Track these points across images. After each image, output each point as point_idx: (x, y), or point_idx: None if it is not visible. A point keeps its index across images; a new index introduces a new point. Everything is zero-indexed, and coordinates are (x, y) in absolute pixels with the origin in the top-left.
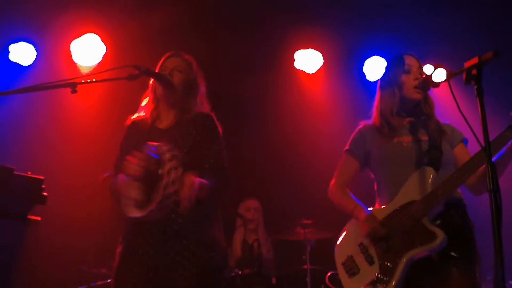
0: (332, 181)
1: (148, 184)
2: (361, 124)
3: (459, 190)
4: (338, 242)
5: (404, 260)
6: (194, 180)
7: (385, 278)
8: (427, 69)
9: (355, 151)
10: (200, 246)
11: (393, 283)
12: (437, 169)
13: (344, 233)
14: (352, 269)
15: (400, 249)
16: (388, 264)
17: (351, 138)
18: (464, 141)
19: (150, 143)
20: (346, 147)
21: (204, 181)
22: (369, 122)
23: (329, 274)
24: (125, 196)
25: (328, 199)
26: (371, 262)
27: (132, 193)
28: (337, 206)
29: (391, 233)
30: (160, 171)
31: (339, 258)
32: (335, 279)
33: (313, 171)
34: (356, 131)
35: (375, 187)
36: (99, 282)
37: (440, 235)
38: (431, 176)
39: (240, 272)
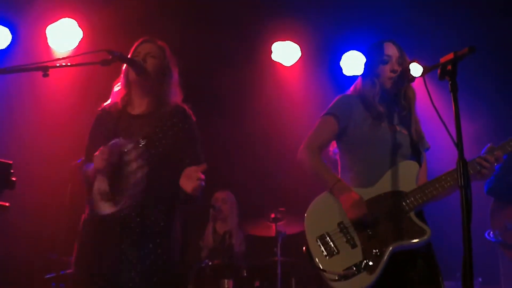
0: (304, 143)
1: (113, 179)
2: (347, 93)
3: None
4: (310, 213)
5: (391, 249)
6: (198, 171)
7: (370, 264)
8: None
9: (339, 116)
10: (161, 245)
11: (378, 270)
12: (419, 165)
13: (318, 205)
14: (329, 248)
15: (386, 237)
16: (375, 250)
17: (334, 103)
18: (426, 150)
19: (116, 139)
20: (328, 111)
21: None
22: (355, 94)
23: (304, 248)
24: (94, 188)
25: (302, 191)
26: (353, 245)
27: (100, 186)
28: (308, 172)
29: (375, 219)
30: (127, 170)
31: (313, 232)
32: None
33: (286, 164)
34: (343, 98)
35: (345, 161)
36: (69, 271)
37: (428, 232)
38: (417, 171)
39: (210, 263)
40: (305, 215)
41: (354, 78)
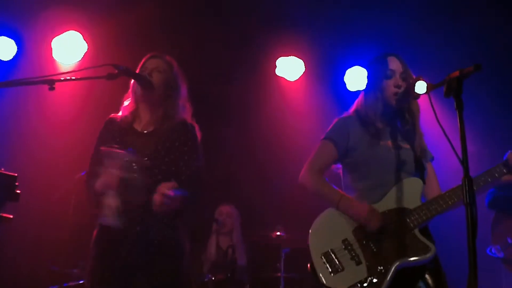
0: (305, 167)
1: (121, 192)
2: (344, 115)
3: None
4: (314, 230)
5: (396, 266)
6: (168, 189)
7: (375, 281)
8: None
9: (337, 140)
10: (165, 251)
11: (383, 287)
12: (423, 182)
13: (322, 222)
14: (334, 265)
15: (391, 254)
16: (380, 268)
17: (331, 127)
18: (431, 160)
19: (117, 150)
20: (326, 135)
21: (178, 192)
22: (352, 115)
23: (309, 265)
24: (105, 204)
25: (306, 206)
26: (358, 262)
27: (111, 201)
28: (312, 194)
29: (380, 236)
30: (132, 185)
31: (317, 249)
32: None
33: (291, 178)
34: (339, 122)
35: (348, 181)
36: (71, 283)
37: (433, 249)
38: (421, 188)
39: (213, 278)
40: (310, 232)
41: (357, 93)
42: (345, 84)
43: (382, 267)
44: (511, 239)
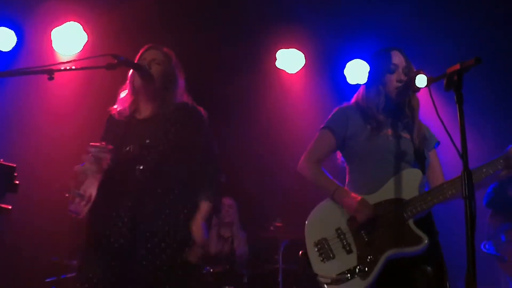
0: (304, 156)
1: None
2: (344, 105)
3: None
4: (310, 220)
5: (386, 255)
6: (200, 225)
7: (365, 270)
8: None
9: (336, 130)
10: (174, 242)
11: (372, 276)
12: (423, 172)
13: (318, 211)
14: (325, 253)
15: (383, 244)
16: (370, 257)
17: (331, 116)
18: (436, 146)
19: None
20: (325, 124)
21: (206, 210)
22: (353, 105)
23: (301, 252)
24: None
25: (305, 199)
26: (349, 251)
27: (87, 188)
28: (310, 182)
29: (374, 226)
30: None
31: (311, 237)
32: (304, 258)
33: (291, 171)
34: (339, 111)
35: (349, 171)
36: (69, 275)
37: (425, 240)
38: (420, 179)
39: (212, 270)
40: (306, 221)
41: (358, 86)
42: (345, 77)
43: (372, 256)
44: (505, 237)
